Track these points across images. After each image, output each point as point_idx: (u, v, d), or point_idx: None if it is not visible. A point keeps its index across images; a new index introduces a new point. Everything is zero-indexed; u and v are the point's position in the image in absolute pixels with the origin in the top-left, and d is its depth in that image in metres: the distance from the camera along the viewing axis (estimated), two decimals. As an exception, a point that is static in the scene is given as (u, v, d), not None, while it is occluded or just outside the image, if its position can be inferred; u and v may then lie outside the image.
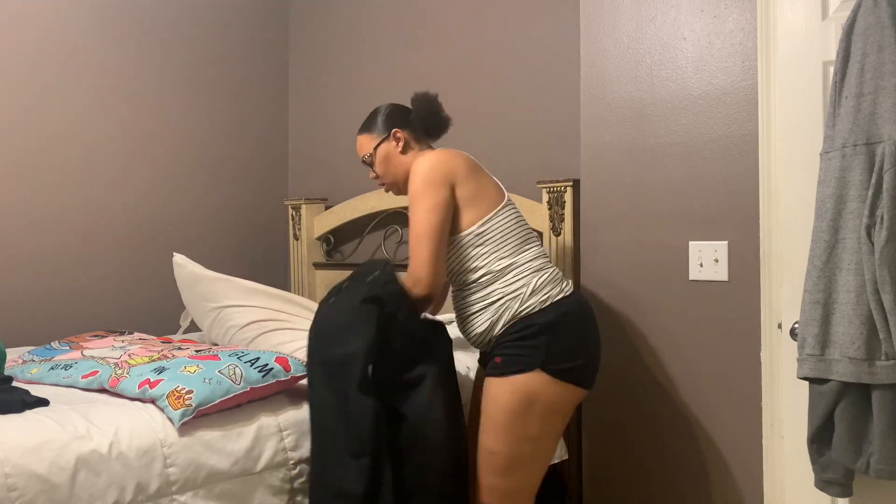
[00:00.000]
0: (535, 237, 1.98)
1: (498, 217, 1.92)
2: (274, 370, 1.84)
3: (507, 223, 1.92)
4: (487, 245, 1.89)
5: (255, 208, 3.61)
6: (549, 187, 2.53)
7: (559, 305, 1.84)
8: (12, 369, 2.12)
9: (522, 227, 1.96)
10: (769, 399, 1.94)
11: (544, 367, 1.78)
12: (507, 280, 1.85)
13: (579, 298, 1.94)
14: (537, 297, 1.83)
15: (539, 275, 1.87)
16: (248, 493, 1.71)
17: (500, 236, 1.90)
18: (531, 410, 1.79)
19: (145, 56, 3.22)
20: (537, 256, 1.92)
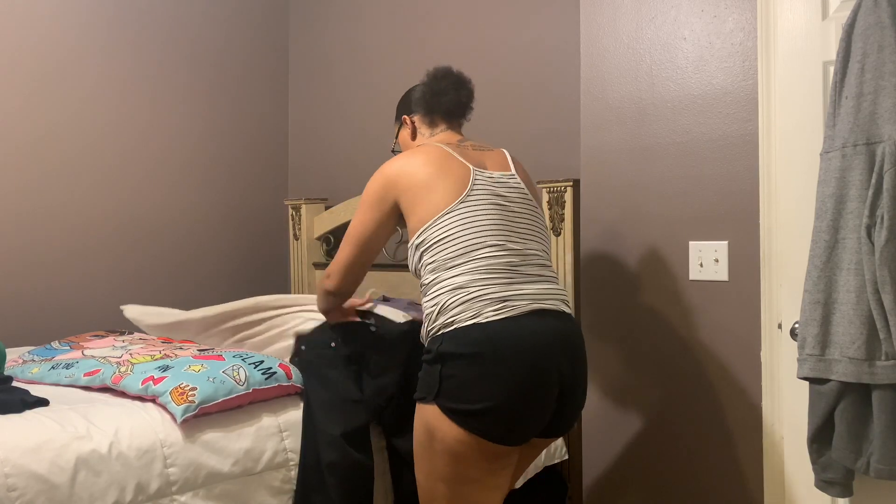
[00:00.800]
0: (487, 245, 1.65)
1: (435, 227, 1.67)
2: (277, 374, 1.85)
3: (445, 233, 1.66)
4: (423, 258, 1.69)
5: (255, 208, 3.61)
6: (549, 187, 2.53)
7: (462, 332, 1.54)
8: (12, 369, 2.12)
9: (468, 238, 1.65)
10: (769, 399, 1.94)
11: (437, 401, 1.53)
12: (429, 295, 1.65)
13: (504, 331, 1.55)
14: (442, 320, 1.58)
15: (454, 294, 1.58)
16: (248, 494, 1.71)
17: (433, 249, 1.67)
18: (434, 448, 1.56)
19: (145, 56, 3.22)
20: (470, 273, 1.61)
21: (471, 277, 1.60)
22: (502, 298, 1.58)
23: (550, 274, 1.72)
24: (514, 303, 1.58)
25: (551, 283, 1.70)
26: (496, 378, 1.52)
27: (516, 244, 1.68)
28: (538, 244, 1.74)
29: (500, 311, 1.56)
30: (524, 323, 1.57)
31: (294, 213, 3.42)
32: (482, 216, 1.68)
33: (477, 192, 1.70)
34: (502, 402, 1.52)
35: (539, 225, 1.79)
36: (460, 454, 1.54)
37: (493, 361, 1.52)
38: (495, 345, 1.53)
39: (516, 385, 1.53)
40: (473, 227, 1.66)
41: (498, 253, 1.64)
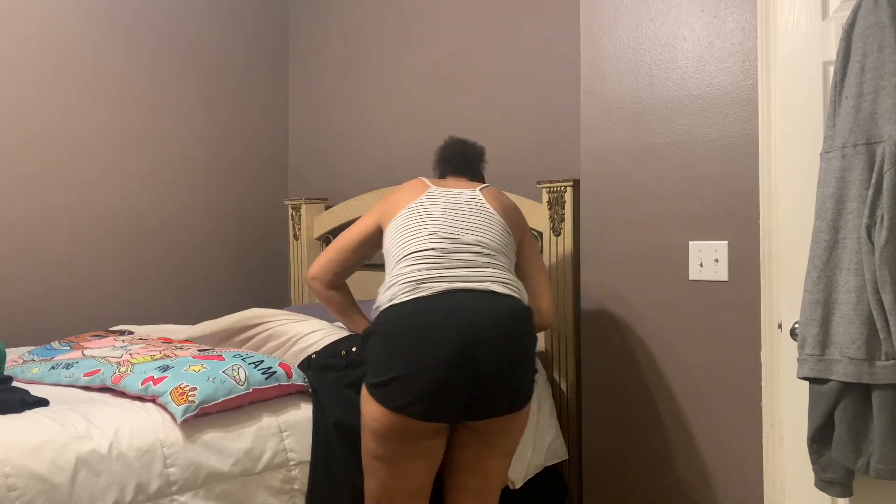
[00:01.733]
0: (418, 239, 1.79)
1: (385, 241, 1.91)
2: (277, 374, 1.85)
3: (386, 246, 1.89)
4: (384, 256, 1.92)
5: (255, 208, 3.61)
6: (549, 187, 2.53)
7: (382, 314, 1.70)
8: (12, 369, 2.12)
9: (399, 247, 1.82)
10: (769, 399, 1.94)
11: (365, 379, 1.68)
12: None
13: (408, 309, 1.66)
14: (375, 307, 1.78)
15: (384, 286, 1.78)
16: (248, 494, 1.71)
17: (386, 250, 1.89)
18: (363, 422, 1.70)
19: (145, 55, 3.22)
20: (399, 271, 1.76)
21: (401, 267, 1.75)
22: (420, 280, 1.70)
23: (489, 260, 1.76)
24: (430, 284, 1.69)
25: (486, 268, 1.75)
26: (400, 351, 1.61)
27: (453, 234, 1.78)
28: (483, 237, 1.81)
29: (413, 293, 1.68)
30: (433, 301, 1.66)
31: (294, 213, 3.43)
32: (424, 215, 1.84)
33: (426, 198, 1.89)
34: (405, 373, 1.59)
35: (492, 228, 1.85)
36: (377, 431, 1.64)
37: (398, 336, 1.63)
38: (401, 321, 1.64)
39: (418, 358, 1.59)
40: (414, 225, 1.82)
41: (428, 241, 1.77)
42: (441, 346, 1.59)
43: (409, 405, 1.59)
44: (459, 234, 1.79)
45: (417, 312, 1.65)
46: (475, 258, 1.76)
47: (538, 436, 2.34)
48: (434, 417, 1.62)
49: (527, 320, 1.73)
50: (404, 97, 3.20)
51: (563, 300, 2.49)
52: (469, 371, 1.60)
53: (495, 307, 1.67)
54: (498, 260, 1.79)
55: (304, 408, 1.87)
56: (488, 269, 1.75)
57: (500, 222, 1.89)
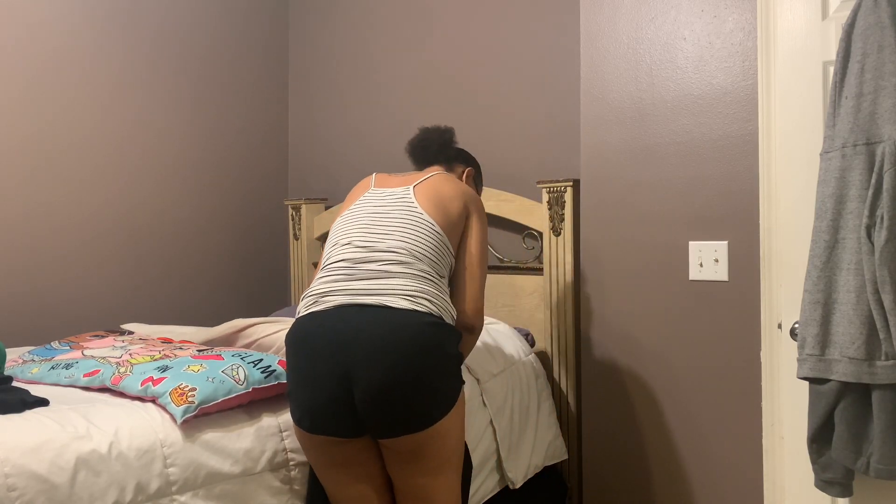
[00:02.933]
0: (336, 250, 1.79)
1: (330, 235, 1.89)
2: (276, 372, 1.84)
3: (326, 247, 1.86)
4: None
5: (255, 208, 3.61)
6: (549, 187, 2.53)
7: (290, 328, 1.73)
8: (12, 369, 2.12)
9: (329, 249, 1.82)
10: (769, 399, 1.94)
11: None
12: None
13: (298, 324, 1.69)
14: None
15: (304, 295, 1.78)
16: (248, 494, 1.71)
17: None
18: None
19: (145, 56, 3.22)
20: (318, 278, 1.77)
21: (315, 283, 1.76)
22: (322, 293, 1.70)
23: (399, 270, 1.68)
24: (329, 298, 1.69)
25: (393, 279, 1.67)
26: (291, 368, 1.68)
27: (366, 243, 1.75)
28: (400, 244, 1.73)
29: (311, 307, 1.70)
30: (322, 318, 1.66)
31: (294, 213, 3.43)
32: (348, 224, 1.83)
33: (358, 205, 1.86)
34: (293, 389, 1.67)
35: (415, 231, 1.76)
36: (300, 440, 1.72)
37: (290, 353, 1.69)
38: (293, 337, 1.69)
39: (300, 374, 1.65)
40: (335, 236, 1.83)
41: (342, 253, 1.76)
42: (316, 365, 1.62)
43: (300, 420, 1.66)
44: (375, 242, 1.74)
45: (306, 329, 1.67)
46: (385, 268, 1.69)
47: (538, 436, 2.34)
48: (321, 431, 1.64)
49: (427, 336, 1.59)
50: (404, 97, 3.20)
51: (562, 300, 2.49)
52: (344, 389, 1.59)
53: (380, 324, 1.59)
54: (413, 268, 1.70)
55: (304, 408, 1.87)
56: (395, 279, 1.67)
57: (429, 224, 1.78)
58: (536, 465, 2.33)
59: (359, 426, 1.62)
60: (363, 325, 1.59)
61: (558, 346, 2.51)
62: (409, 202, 1.82)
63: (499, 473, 2.23)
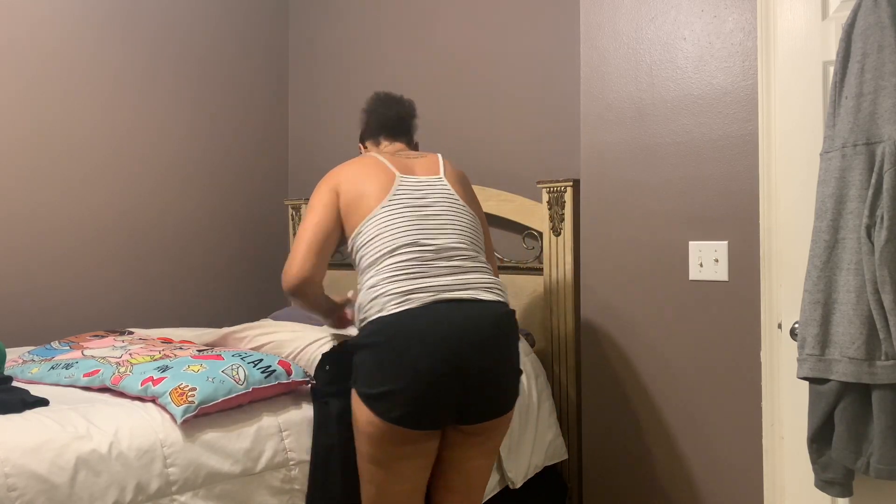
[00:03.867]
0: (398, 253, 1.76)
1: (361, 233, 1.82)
2: (276, 372, 1.84)
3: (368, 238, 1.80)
4: (357, 259, 1.84)
5: (256, 208, 3.61)
6: (549, 187, 2.53)
7: (371, 326, 1.69)
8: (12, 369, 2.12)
9: (384, 242, 1.78)
10: (769, 399, 1.94)
11: (354, 386, 1.72)
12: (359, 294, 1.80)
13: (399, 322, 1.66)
14: (359, 317, 1.76)
15: (367, 294, 1.73)
16: (247, 494, 1.71)
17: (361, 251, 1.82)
18: (355, 426, 1.73)
19: (144, 57, 3.22)
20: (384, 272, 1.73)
21: (381, 277, 1.73)
22: (406, 292, 1.69)
23: (470, 265, 1.77)
24: (417, 295, 1.69)
25: (469, 274, 1.76)
26: (391, 364, 1.64)
27: (431, 240, 1.77)
28: (459, 238, 1.81)
29: (401, 304, 1.67)
30: (422, 313, 1.66)
31: (294, 213, 3.43)
32: (399, 218, 1.80)
33: (398, 196, 1.83)
34: (397, 387, 1.63)
35: (463, 222, 1.86)
36: (372, 435, 1.68)
37: (389, 349, 1.64)
38: (391, 334, 1.65)
39: (409, 370, 1.62)
40: (390, 229, 1.79)
41: (409, 251, 1.75)
42: (430, 360, 1.62)
43: (402, 417, 1.64)
44: (437, 238, 1.79)
45: (406, 325, 1.65)
46: (457, 263, 1.76)
47: (538, 436, 2.34)
48: (425, 426, 1.67)
49: (511, 324, 1.75)
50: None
51: (562, 300, 2.49)
52: (458, 381, 1.64)
53: (482, 316, 1.69)
54: (477, 261, 1.80)
55: (304, 407, 1.87)
56: (471, 274, 1.76)
57: (471, 216, 1.91)
58: (536, 465, 2.33)
59: (452, 417, 1.69)
60: (468, 319, 1.66)
61: (558, 346, 2.51)
62: (451, 194, 1.89)
63: (499, 473, 2.23)
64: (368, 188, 1.85)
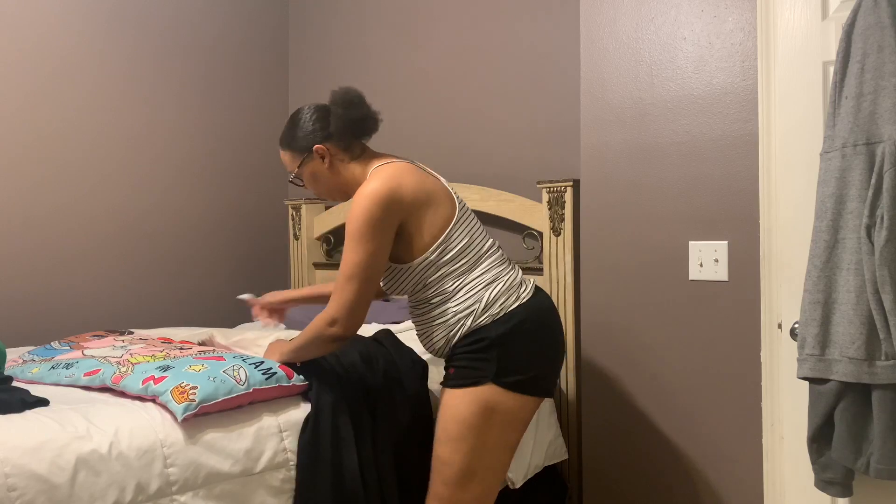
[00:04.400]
0: (491, 246, 1.88)
1: (450, 239, 1.82)
2: (277, 374, 1.85)
3: (460, 242, 1.82)
4: (441, 268, 1.81)
5: (256, 208, 3.61)
6: (549, 187, 2.53)
7: (513, 316, 1.77)
8: (12, 369, 2.12)
9: (477, 240, 1.86)
10: (769, 399, 1.94)
11: (496, 380, 1.75)
12: (459, 298, 1.79)
13: (538, 304, 1.84)
14: (490, 311, 1.77)
15: (491, 288, 1.79)
16: (247, 494, 1.71)
17: (452, 257, 1.81)
18: (488, 421, 1.75)
19: (145, 57, 3.22)
20: (492, 267, 1.82)
21: (498, 270, 1.84)
22: (520, 282, 1.86)
23: None
24: (525, 284, 1.87)
25: None
26: (542, 348, 1.83)
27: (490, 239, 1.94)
28: None
29: (527, 291, 1.85)
30: (541, 297, 1.88)
31: (294, 213, 3.43)
32: (475, 222, 1.92)
33: (460, 202, 1.91)
34: (548, 364, 1.85)
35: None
36: (516, 420, 1.81)
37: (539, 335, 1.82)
38: (537, 322, 1.82)
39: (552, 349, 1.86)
40: (477, 231, 1.89)
41: (497, 249, 1.91)
42: (560, 335, 1.90)
43: (551, 389, 1.88)
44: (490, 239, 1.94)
45: (543, 310, 1.85)
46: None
47: (538, 435, 2.34)
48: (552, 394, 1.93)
49: None
50: (404, 97, 3.20)
51: (562, 300, 2.49)
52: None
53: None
54: None
55: (303, 408, 1.87)
56: None
57: None
58: (536, 465, 2.33)
59: None
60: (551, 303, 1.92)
61: (558, 346, 2.51)
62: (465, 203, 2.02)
63: (499, 473, 2.23)
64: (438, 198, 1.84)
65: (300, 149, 1.96)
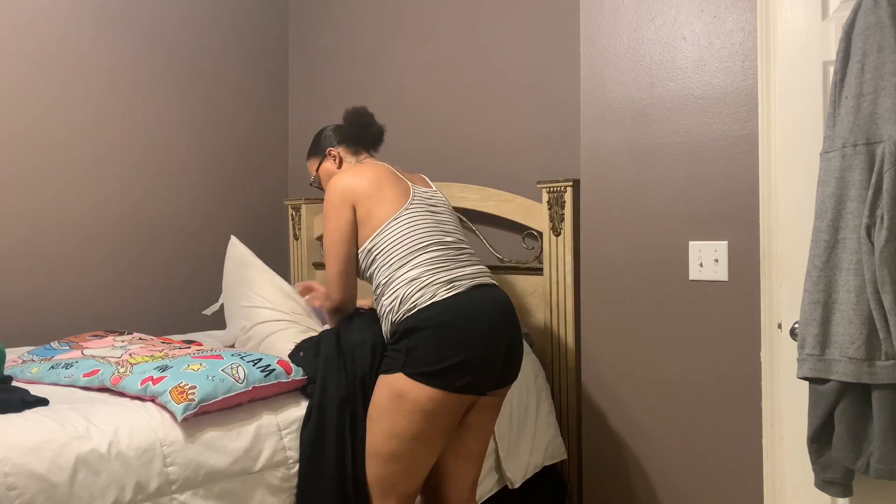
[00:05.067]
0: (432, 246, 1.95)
1: (385, 233, 1.96)
2: (276, 371, 1.85)
3: (393, 238, 1.96)
4: (376, 261, 1.97)
5: (255, 208, 3.61)
6: (549, 187, 2.53)
7: (422, 311, 1.85)
8: (12, 369, 2.12)
9: (415, 239, 1.95)
10: (769, 399, 1.94)
11: (403, 370, 1.82)
12: (387, 294, 1.92)
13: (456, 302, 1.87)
14: (405, 306, 1.87)
15: (410, 286, 1.88)
16: (247, 493, 1.71)
17: (384, 252, 1.95)
18: (399, 408, 1.82)
19: (145, 57, 3.23)
20: (419, 265, 1.91)
21: (421, 270, 1.90)
22: (449, 280, 1.90)
23: (476, 260, 2.04)
24: (459, 282, 1.91)
25: (480, 266, 2.02)
26: (456, 341, 1.82)
27: (448, 240, 2.00)
28: (463, 239, 2.06)
29: (449, 290, 1.88)
30: (471, 295, 1.90)
31: (294, 213, 3.43)
32: (420, 222, 1.99)
33: (415, 203, 2.02)
34: (465, 357, 1.82)
35: (460, 227, 2.12)
36: (429, 411, 1.81)
37: (453, 327, 1.83)
38: (451, 315, 1.85)
39: (473, 344, 1.83)
40: (415, 231, 1.97)
41: (437, 248, 1.96)
42: (488, 333, 1.86)
43: (468, 385, 1.83)
44: (450, 238, 2.01)
45: (464, 305, 1.87)
46: (469, 258, 2.00)
47: (537, 435, 2.34)
48: (483, 391, 1.89)
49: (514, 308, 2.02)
50: (404, 97, 3.20)
51: (562, 300, 2.49)
52: (503, 350, 1.88)
53: (503, 297, 1.95)
54: (475, 256, 2.04)
55: (303, 406, 1.87)
56: (479, 265, 2.01)
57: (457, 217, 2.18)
58: (536, 465, 2.33)
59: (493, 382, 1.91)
60: (497, 299, 1.93)
61: (558, 345, 2.51)
62: (448, 205, 2.13)
63: (498, 473, 2.23)
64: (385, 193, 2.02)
65: (318, 151, 2.30)
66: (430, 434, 1.85)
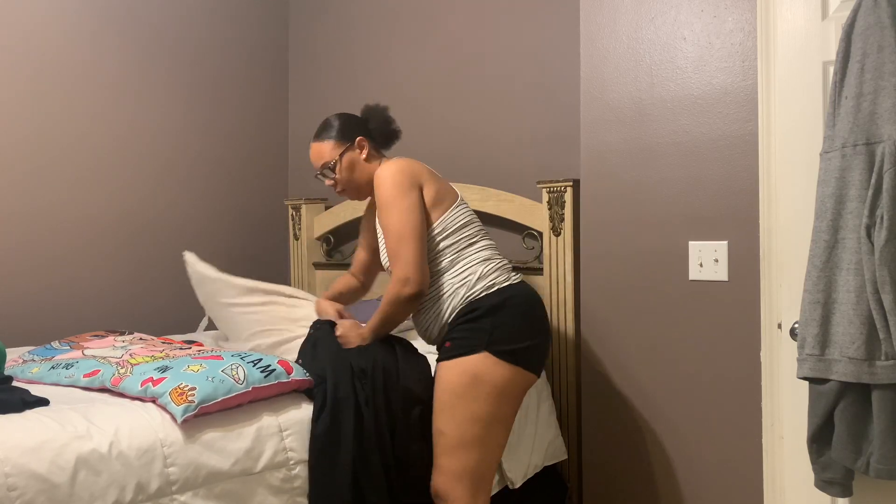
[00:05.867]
0: (486, 233, 2.10)
1: (453, 216, 2.04)
2: (276, 371, 1.85)
3: (461, 221, 2.04)
4: (441, 241, 2.00)
5: (255, 208, 3.61)
6: (549, 187, 2.53)
7: (504, 291, 1.94)
8: (12, 369, 2.12)
9: (475, 224, 2.08)
10: (769, 399, 1.94)
11: (489, 348, 1.85)
12: (455, 270, 1.96)
13: (527, 289, 2.02)
14: (483, 283, 1.93)
15: (486, 264, 1.98)
16: (248, 493, 1.71)
17: (453, 233, 2.01)
18: (478, 391, 1.84)
19: (147, 60, 3.22)
20: (487, 248, 2.04)
21: (490, 252, 2.04)
22: (511, 268, 2.06)
23: None
24: (515, 273, 2.06)
25: None
26: (532, 323, 1.94)
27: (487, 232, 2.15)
28: None
29: (516, 277, 2.04)
30: (528, 286, 2.06)
31: (294, 213, 3.43)
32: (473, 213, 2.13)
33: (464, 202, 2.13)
34: (538, 341, 1.96)
35: None
36: (507, 392, 1.88)
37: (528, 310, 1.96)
38: (527, 298, 1.98)
39: (540, 327, 1.98)
40: (475, 218, 2.11)
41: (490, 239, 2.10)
42: (548, 321, 2.05)
43: (538, 366, 1.96)
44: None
45: (532, 294, 2.01)
46: None
47: (537, 435, 2.34)
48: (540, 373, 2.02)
49: None
50: (404, 97, 3.20)
51: (562, 300, 2.49)
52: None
53: None
54: None
55: (304, 407, 1.87)
56: None
57: None
58: (536, 465, 2.33)
59: None
60: None
61: (558, 345, 2.51)
62: None
63: (498, 473, 2.23)
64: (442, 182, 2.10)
65: (343, 137, 2.15)
66: (508, 415, 1.91)
